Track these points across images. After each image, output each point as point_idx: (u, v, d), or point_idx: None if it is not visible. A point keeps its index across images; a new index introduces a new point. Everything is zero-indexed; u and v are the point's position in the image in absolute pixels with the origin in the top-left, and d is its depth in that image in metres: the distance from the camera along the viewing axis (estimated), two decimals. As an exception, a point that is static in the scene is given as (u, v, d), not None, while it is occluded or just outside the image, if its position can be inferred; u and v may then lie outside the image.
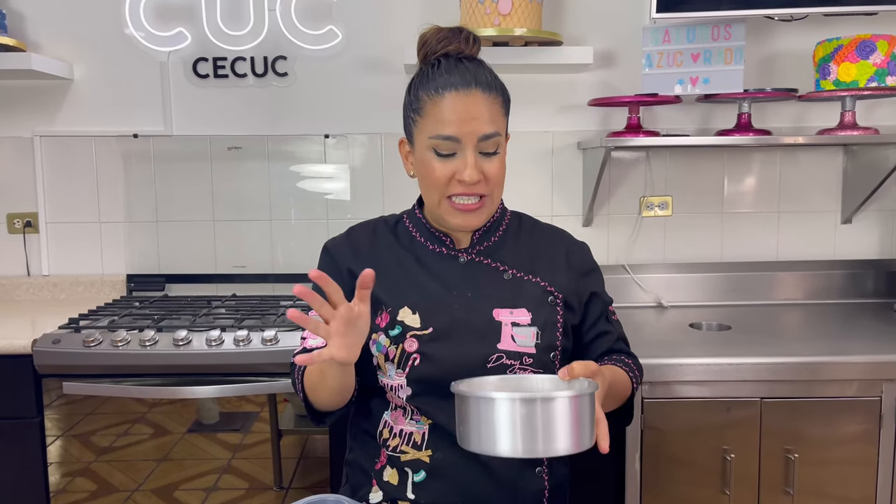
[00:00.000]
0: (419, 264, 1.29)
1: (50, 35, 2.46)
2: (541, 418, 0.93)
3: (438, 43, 1.27)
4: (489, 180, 1.22)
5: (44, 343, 1.92)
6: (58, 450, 2.00)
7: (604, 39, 2.45)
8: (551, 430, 0.93)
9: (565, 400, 0.94)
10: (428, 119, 1.21)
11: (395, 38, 2.45)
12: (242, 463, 2.01)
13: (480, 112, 1.20)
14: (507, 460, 1.21)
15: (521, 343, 1.21)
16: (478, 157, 1.21)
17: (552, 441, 0.93)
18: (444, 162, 1.21)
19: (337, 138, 2.51)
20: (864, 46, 2.12)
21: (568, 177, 2.52)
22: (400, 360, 1.22)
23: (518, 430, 0.92)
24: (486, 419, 0.93)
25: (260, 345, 1.92)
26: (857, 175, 2.46)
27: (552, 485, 1.28)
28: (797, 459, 1.86)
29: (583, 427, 0.95)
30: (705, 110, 2.48)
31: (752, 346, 1.99)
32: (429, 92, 1.22)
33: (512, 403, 0.92)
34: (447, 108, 1.19)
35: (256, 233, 2.54)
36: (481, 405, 0.94)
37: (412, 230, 1.33)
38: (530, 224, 1.39)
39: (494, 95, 1.23)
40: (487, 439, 0.94)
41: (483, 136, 1.20)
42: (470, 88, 1.20)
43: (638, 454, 1.89)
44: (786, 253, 2.54)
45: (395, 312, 1.24)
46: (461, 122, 1.19)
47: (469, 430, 0.96)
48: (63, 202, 2.53)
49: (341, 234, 1.37)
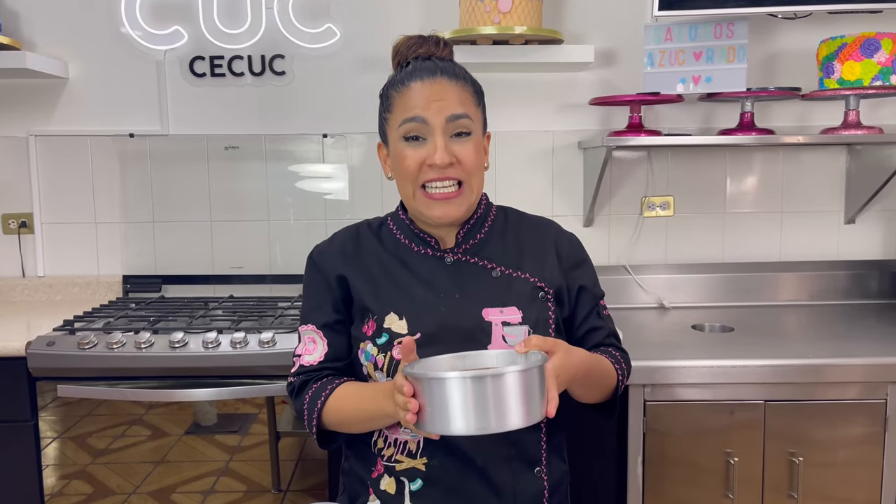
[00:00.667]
0: (404, 268, 1.26)
1: (45, 34, 2.44)
2: (492, 395, 0.94)
3: (409, 49, 1.28)
4: (462, 163, 1.20)
5: (38, 345, 1.90)
6: (53, 452, 1.98)
7: (605, 38, 2.42)
8: (502, 405, 0.94)
9: (514, 375, 0.95)
10: (396, 111, 1.22)
11: (394, 36, 2.35)
12: (240, 465, 1.99)
13: (447, 94, 1.19)
14: (503, 466, 1.20)
15: (512, 343, 1.19)
16: (448, 141, 1.20)
17: (504, 416, 0.94)
18: (415, 148, 1.20)
19: (335, 138, 2.48)
20: (868, 45, 2.09)
21: (568, 176, 2.50)
22: (389, 368, 1.20)
23: (470, 408, 0.93)
24: (439, 399, 0.94)
25: (257, 347, 1.90)
26: (860, 175, 2.44)
27: (551, 484, 1.25)
28: (801, 463, 1.84)
29: (532, 400, 0.97)
30: (708, 109, 2.46)
31: (755, 347, 1.97)
32: (395, 87, 1.23)
33: (463, 382, 0.93)
34: (413, 94, 1.20)
35: (254, 233, 2.51)
36: (433, 386, 0.94)
37: (396, 233, 1.31)
38: (516, 217, 1.36)
39: (462, 84, 1.23)
40: (441, 419, 0.95)
41: (451, 117, 1.19)
42: (435, 76, 1.21)
43: (640, 457, 1.87)
44: (788, 253, 2.52)
45: (381, 320, 1.22)
46: (427, 104, 1.18)
47: (423, 411, 0.96)
48: (58, 202, 2.50)
49: (325, 241, 1.36)
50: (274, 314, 2.15)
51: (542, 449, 1.25)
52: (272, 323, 2.04)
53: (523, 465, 1.23)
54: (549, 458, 1.26)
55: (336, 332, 1.28)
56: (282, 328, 1.98)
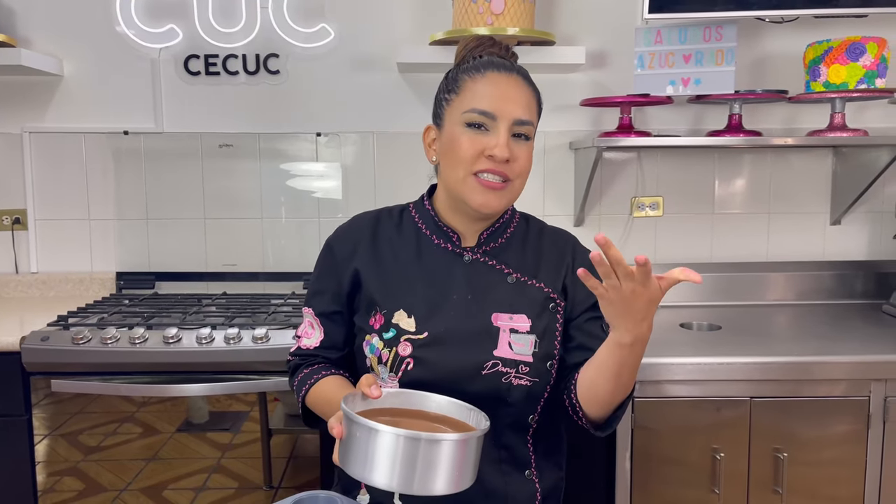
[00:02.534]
0: (419, 261, 1.25)
1: (40, 31, 2.45)
2: (422, 458, 0.89)
3: (480, 45, 1.27)
4: (516, 163, 1.20)
5: (32, 340, 1.91)
6: (45, 449, 1.98)
7: (596, 39, 2.45)
8: (431, 470, 0.90)
9: (451, 443, 0.90)
10: (465, 95, 1.20)
11: (388, 36, 2.45)
12: (232, 462, 2.00)
13: (519, 96, 1.20)
14: (494, 469, 1.20)
15: (517, 351, 1.18)
16: (510, 139, 1.19)
17: (429, 481, 0.90)
18: (476, 136, 1.19)
19: (329, 136, 2.50)
20: (854, 48, 2.13)
21: (560, 177, 2.53)
22: (393, 363, 1.19)
23: (397, 466, 0.89)
24: (368, 447, 0.90)
25: (250, 343, 1.92)
26: (846, 176, 2.48)
27: (544, 488, 1.25)
28: (786, 458, 1.87)
29: (465, 469, 0.92)
30: (697, 111, 2.49)
31: (742, 345, 2.00)
32: (469, 73, 1.21)
33: (395, 439, 0.89)
34: (488, 83, 1.19)
35: (247, 231, 2.53)
36: (365, 433, 0.90)
37: (418, 221, 1.29)
38: (538, 227, 1.35)
39: (533, 90, 1.24)
40: (363, 466, 0.91)
41: (518, 121, 1.19)
42: (512, 73, 1.21)
43: (628, 453, 1.89)
44: (776, 254, 2.56)
45: (390, 315, 1.21)
46: (500, 100, 1.18)
47: (349, 451, 0.92)
48: (52, 199, 2.51)
49: (343, 225, 1.33)
50: (267, 311, 2.16)
51: (531, 452, 1.25)
52: (265, 319, 2.06)
53: (513, 467, 1.23)
54: (539, 463, 1.25)
55: (332, 323, 1.29)
56: (275, 324, 2.00)
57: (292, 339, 1.92)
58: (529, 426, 1.23)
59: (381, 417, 0.98)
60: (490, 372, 1.17)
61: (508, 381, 1.18)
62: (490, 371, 1.17)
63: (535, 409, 1.22)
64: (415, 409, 1.05)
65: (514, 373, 1.18)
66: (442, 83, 1.27)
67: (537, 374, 1.19)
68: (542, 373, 1.20)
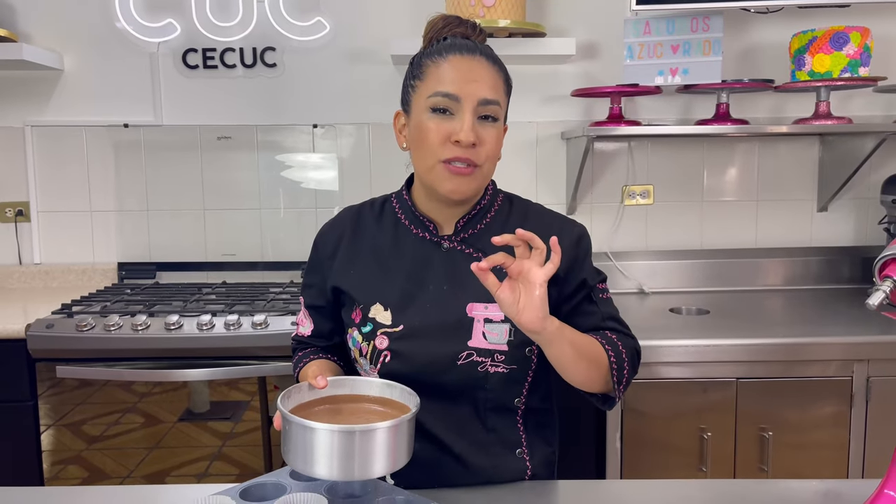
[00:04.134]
0: (398, 252, 1.27)
1: (40, 26, 2.49)
2: (358, 447, 0.94)
3: (446, 27, 1.25)
4: (483, 146, 1.18)
5: (37, 328, 1.96)
6: (50, 438, 2.03)
7: (586, 31, 2.50)
8: (368, 456, 0.94)
9: (384, 430, 0.95)
10: (429, 80, 1.20)
11: (382, 29, 2.49)
12: (233, 450, 2.05)
13: (483, 76, 1.18)
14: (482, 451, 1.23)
15: (491, 340, 1.19)
16: (476, 122, 1.17)
17: (368, 466, 0.95)
18: (441, 122, 1.17)
19: (325, 128, 2.55)
20: (837, 38, 2.18)
21: (552, 166, 2.57)
22: (371, 356, 1.22)
23: (335, 458, 0.93)
24: (305, 443, 0.94)
25: (250, 329, 1.97)
26: (832, 164, 2.52)
27: (534, 464, 1.27)
28: (771, 437, 1.92)
29: (399, 450, 0.97)
30: (685, 101, 2.54)
31: (728, 329, 2.05)
32: (432, 57, 1.21)
33: (331, 434, 0.93)
34: (450, 67, 1.18)
35: (246, 221, 2.58)
36: (301, 431, 0.94)
37: (398, 212, 1.30)
38: (522, 209, 1.32)
39: (498, 70, 1.21)
40: (303, 460, 0.95)
41: (483, 101, 1.17)
42: (475, 54, 1.19)
43: (618, 434, 1.94)
44: (764, 240, 2.61)
45: (366, 309, 1.24)
46: (463, 82, 1.17)
47: (289, 446, 0.97)
48: (54, 191, 2.56)
49: (329, 221, 1.36)
50: (266, 298, 2.21)
51: (521, 432, 1.26)
52: (264, 306, 2.10)
53: (503, 448, 1.24)
54: (530, 440, 1.27)
55: (320, 315, 1.33)
56: (274, 311, 2.05)
57: (290, 325, 1.97)
58: (517, 408, 1.25)
59: (322, 406, 1.05)
60: (465, 362, 1.19)
61: (485, 370, 1.19)
62: (465, 361, 1.19)
63: (519, 392, 1.24)
64: (355, 394, 1.10)
65: (489, 361, 1.19)
66: (408, 69, 1.27)
67: (514, 362, 1.20)
68: (520, 359, 1.21)
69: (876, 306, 0.87)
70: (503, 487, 1.19)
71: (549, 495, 1.15)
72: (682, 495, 1.13)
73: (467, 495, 1.14)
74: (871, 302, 0.87)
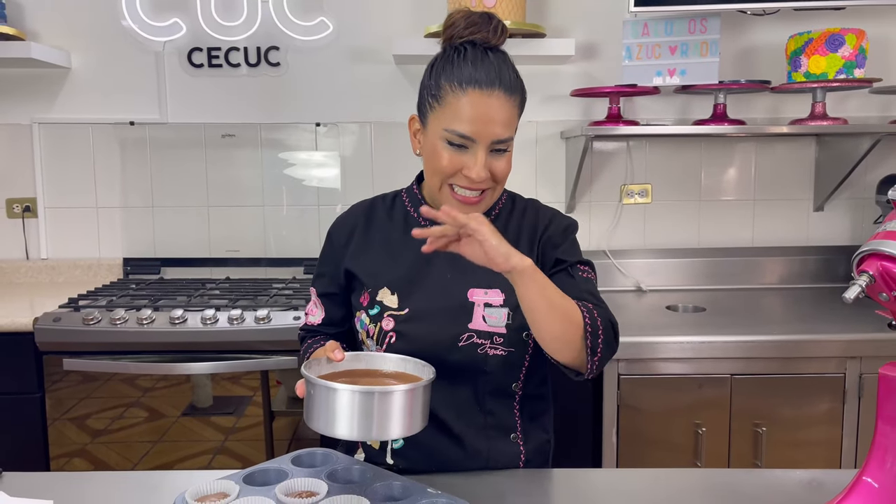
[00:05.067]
0: (407, 241, 1.30)
1: (48, 24, 2.53)
2: (377, 408, 1.00)
3: (466, 28, 1.24)
4: (495, 177, 1.23)
5: (45, 321, 2.00)
6: (56, 431, 2.07)
7: (585, 32, 2.53)
8: (385, 418, 1.00)
9: (401, 393, 1.01)
10: (446, 110, 1.22)
11: (385, 29, 2.52)
12: (236, 444, 2.09)
13: (500, 116, 1.20)
14: (479, 434, 1.28)
15: (491, 323, 1.25)
16: (488, 157, 1.21)
17: (385, 427, 1.01)
18: (454, 154, 1.22)
19: (328, 127, 2.58)
20: (833, 40, 2.21)
21: (551, 165, 2.61)
22: (378, 336, 1.29)
23: (355, 418, 1.00)
24: (328, 405, 1.00)
25: (253, 323, 2.00)
26: (828, 164, 2.55)
27: (528, 450, 1.32)
28: (765, 433, 1.95)
29: (415, 415, 1.03)
30: (683, 102, 2.57)
31: (724, 326, 2.08)
32: (452, 83, 1.22)
33: (352, 395, 0.99)
34: (468, 105, 1.20)
35: (249, 218, 2.61)
36: (325, 392, 1.00)
37: (408, 205, 1.37)
38: (522, 206, 1.39)
39: (515, 98, 1.23)
40: (327, 421, 1.01)
41: (496, 141, 1.21)
42: (493, 89, 1.20)
43: (614, 428, 1.98)
44: (761, 239, 2.64)
45: (374, 293, 1.30)
46: (479, 123, 1.19)
47: (312, 409, 1.02)
48: (61, 188, 2.60)
49: (342, 214, 1.42)
50: (269, 294, 2.25)
51: (517, 418, 1.32)
52: (267, 301, 2.14)
53: (498, 432, 1.30)
54: (525, 426, 1.32)
55: (332, 303, 1.39)
56: (277, 306, 2.08)
57: (293, 319, 2.01)
58: (514, 393, 1.31)
59: (341, 378, 1.10)
60: (466, 343, 1.25)
61: (484, 351, 1.25)
62: (466, 343, 1.25)
63: (517, 377, 1.30)
64: (371, 369, 1.17)
65: (489, 344, 1.25)
66: (425, 77, 1.28)
67: (512, 345, 1.26)
68: (517, 343, 1.27)
69: (852, 300, 0.90)
70: (498, 473, 1.23)
71: (543, 482, 1.19)
72: (672, 484, 1.17)
73: (463, 480, 1.18)
74: (847, 296, 0.91)
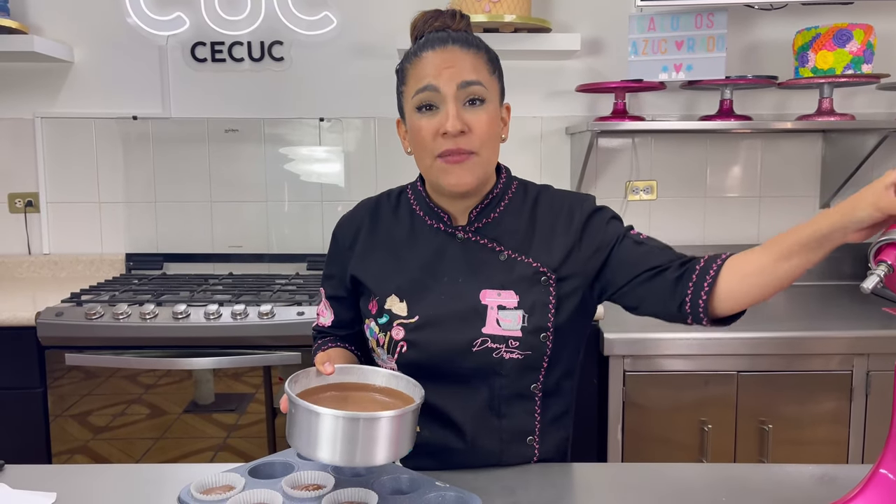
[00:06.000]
0: (414, 243, 1.28)
1: (51, 18, 2.52)
2: (362, 435, 0.95)
3: (425, 23, 1.27)
4: (474, 131, 1.18)
5: (47, 315, 1.98)
6: (57, 428, 2.06)
7: (591, 27, 2.51)
8: (371, 444, 0.96)
9: (388, 419, 0.96)
10: (410, 82, 1.22)
11: (388, 23, 2.51)
12: (238, 441, 2.08)
13: (458, 61, 1.19)
14: (493, 437, 1.24)
15: (505, 326, 1.20)
16: (461, 109, 1.18)
17: (370, 454, 0.96)
18: (429, 118, 1.20)
19: (331, 122, 2.57)
20: (840, 35, 2.19)
21: (556, 161, 2.59)
22: (389, 346, 1.24)
23: (338, 443, 0.95)
24: (310, 427, 0.96)
25: (256, 318, 1.99)
26: (835, 161, 2.54)
27: (543, 450, 1.28)
28: (771, 430, 1.94)
29: (402, 440, 0.99)
30: (689, 97, 2.55)
31: (730, 322, 2.06)
32: (409, 59, 1.24)
33: (335, 420, 0.94)
34: (425, 63, 1.20)
35: (252, 213, 2.60)
36: (307, 415, 0.96)
37: (413, 203, 1.32)
38: (534, 195, 1.32)
39: (475, 51, 1.20)
40: (308, 444, 0.96)
41: (463, 83, 1.17)
42: (446, 45, 1.21)
43: (620, 426, 1.97)
44: (767, 236, 2.58)
45: (382, 301, 1.26)
46: (438, 71, 1.19)
47: (293, 429, 0.98)
48: (63, 182, 2.59)
49: (348, 213, 1.38)
50: (272, 290, 2.23)
51: (536, 421, 1.27)
52: (270, 297, 2.13)
53: (514, 436, 1.25)
54: (544, 428, 1.27)
55: (340, 305, 1.36)
56: (280, 302, 2.07)
57: (296, 315, 2.00)
58: (534, 395, 1.25)
59: (330, 392, 1.07)
60: (480, 348, 1.20)
61: (499, 355, 1.20)
62: (480, 347, 1.20)
63: (535, 378, 1.24)
64: (362, 383, 1.12)
65: (504, 347, 1.20)
66: (396, 80, 1.29)
67: (529, 348, 1.21)
68: (535, 345, 1.22)
69: (870, 290, 0.88)
70: (509, 469, 1.20)
71: (553, 476, 1.17)
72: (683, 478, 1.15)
73: (472, 475, 1.16)
74: (865, 286, 0.88)
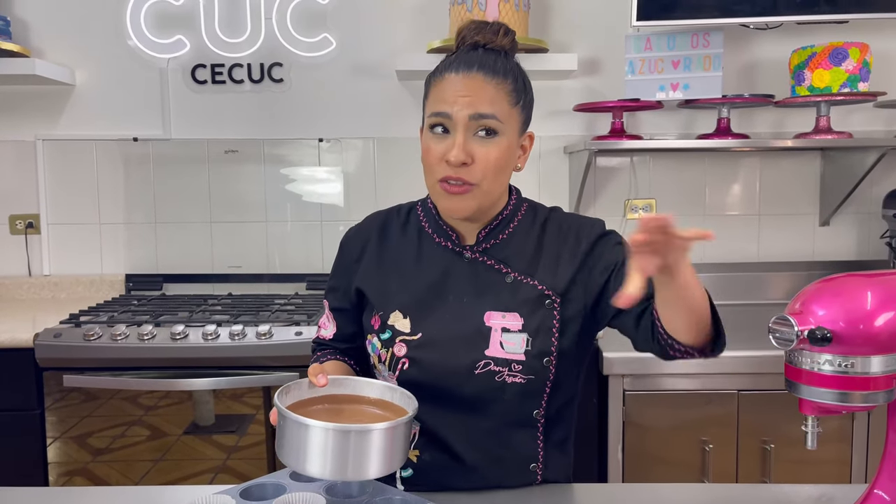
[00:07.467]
0: (420, 260, 1.27)
1: (53, 41, 2.54)
2: (353, 448, 0.93)
3: (469, 32, 1.23)
4: (476, 165, 1.15)
5: (45, 337, 1.99)
6: (56, 451, 2.05)
7: (588, 47, 2.53)
8: (363, 457, 0.94)
9: (380, 432, 0.94)
10: (430, 100, 1.21)
11: (387, 45, 2.53)
12: (238, 463, 2.07)
13: (477, 91, 1.16)
14: (496, 465, 1.22)
15: (509, 350, 1.19)
16: (469, 139, 1.15)
17: (362, 467, 0.94)
18: (438, 141, 1.18)
19: (331, 142, 2.58)
20: (836, 53, 2.20)
21: (555, 180, 2.60)
22: (390, 363, 1.23)
23: (329, 456, 0.93)
24: (300, 440, 0.93)
25: (254, 339, 1.99)
26: (833, 179, 2.54)
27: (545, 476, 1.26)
28: (773, 450, 1.92)
29: (394, 453, 0.97)
30: (687, 116, 2.56)
31: (730, 341, 2.02)
32: (434, 76, 1.22)
33: (325, 432, 0.92)
34: (446, 87, 1.18)
35: (252, 234, 2.61)
36: (296, 428, 0.93)
37: (422, 219, 1.31)
38: (543, 218, 1.30)
39: (499, 81, 1.16)
40: (297, 458, 0.94)
41: (475, 115, 1.14)
42: (471, 70, 1.17)
43: (620, 445, 1.95)
44: (767, 253, 2.62)
45: (386, 317, 1.24)
46: (454, 99, 1.16)
47: (283, 442, 0.96)
48: (64, 204, 2.60)
49: (355, 226, 1.37)
50: (270, 310, 2.23)
51: (540, 447, 1.25)
52: (269, 317, 2.13)
53: (517, 462, 1.24)
54: (547, 454, 1.25)
55: (344, 318, 1.34)
56: (278, 322, 2.07)
57: (294, 335, 2.00)
58: (537, 421, 1.23)
59: (322, 404, 1.05)
60: (483, 371, 1.18)
61: (502, 379, 1.18)
62: (482, 370, 1.18)
63: (538, 404, 1.22)
64: (355, 395, 1.10)
65: (506, 371, 1.18)
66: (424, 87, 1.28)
67: (532, 372, 1.19)
68: (538, 370, 1.20)
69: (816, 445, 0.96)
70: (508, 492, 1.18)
71: (553, 498, 1.15)
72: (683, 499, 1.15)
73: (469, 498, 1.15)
74: (810, 447, 0.97)
